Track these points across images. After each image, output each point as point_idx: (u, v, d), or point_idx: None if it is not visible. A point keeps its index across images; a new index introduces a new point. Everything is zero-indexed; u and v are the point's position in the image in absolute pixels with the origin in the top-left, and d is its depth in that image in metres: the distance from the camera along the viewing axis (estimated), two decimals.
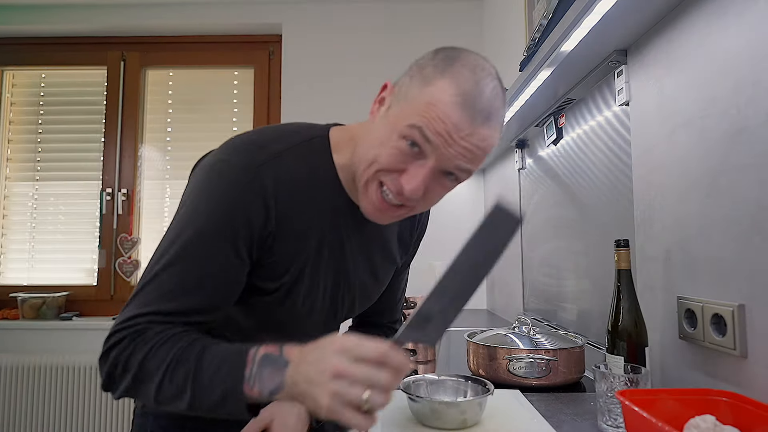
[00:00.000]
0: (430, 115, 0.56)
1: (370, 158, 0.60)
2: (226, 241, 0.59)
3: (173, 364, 0.54)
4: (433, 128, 0.56)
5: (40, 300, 2.32)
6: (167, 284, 0.57)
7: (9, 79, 2.57)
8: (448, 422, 0.71)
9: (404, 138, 0.58)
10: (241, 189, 0.59)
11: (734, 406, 0.59)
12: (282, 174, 0.61)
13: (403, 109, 0.59)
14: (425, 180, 0.58)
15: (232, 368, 0.52)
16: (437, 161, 0.58)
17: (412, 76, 0.61)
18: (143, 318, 0.56)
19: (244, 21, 2.48)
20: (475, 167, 0.61)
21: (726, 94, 0.69)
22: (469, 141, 0.58)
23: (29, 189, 2.50)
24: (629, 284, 0.80)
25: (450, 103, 0.56)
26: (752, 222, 0.64)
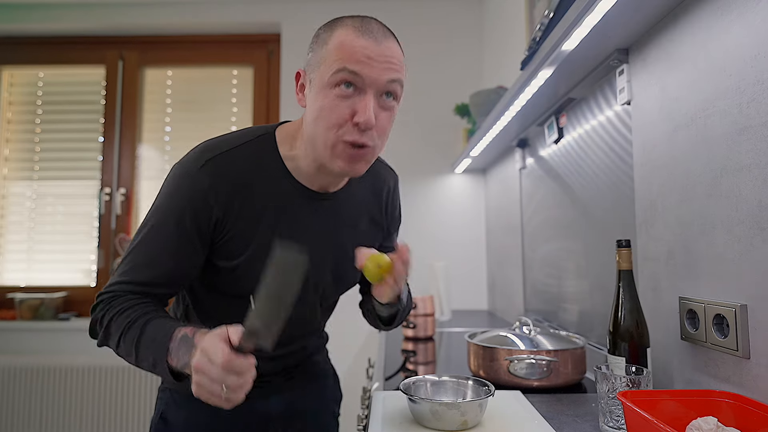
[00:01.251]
0: (344, 53, 0.66)
1: (323, 124, 0.68)
2: (178, 228, 0.71)
3: (126, 329, 0.67)
4: (352, 60, 0.65)
5: (38, 300, 2.31)
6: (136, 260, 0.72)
7: (7, 78, 2.56)
8: (448, 423, 0.70)
9: (336, 85, 0.66)
10: (186, 187, 0.71)
11: (736, 407, 0.59)
12: (224, 169, 0.72)
13: (320, 71, 0.68)
14: (372, 108, 0.67)
15: (160, 342, 0.64)
16: (371, 85, 0.67)
17: (313, 48, 0.71)
18: (117, 285, 0.71)
19: (243, 20, 2.48)
20: (402, 75, 0.69)
21: (728, 93, 0.69)
22: (384, 55, 0.67)
23: (27, 189, 2.50)
24: (631, 285, 0.79)
25: (352, 36, 0.66)
26: (754, 222, 0.64)
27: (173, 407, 0.86)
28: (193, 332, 0.64)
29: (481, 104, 1.74)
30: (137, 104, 2.52)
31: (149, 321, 0.67)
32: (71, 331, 2.29)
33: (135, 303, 0.70)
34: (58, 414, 2.17)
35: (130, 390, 2.19)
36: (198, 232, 0.72)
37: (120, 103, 2.51)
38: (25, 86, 2.56)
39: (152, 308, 0.70)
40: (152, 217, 0.73)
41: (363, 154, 0.70)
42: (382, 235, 0.91)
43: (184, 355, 0.62)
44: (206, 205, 0.71)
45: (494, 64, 2.25)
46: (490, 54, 2.33)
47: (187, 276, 0.75)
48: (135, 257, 0.72)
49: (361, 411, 1.14)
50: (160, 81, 2.55)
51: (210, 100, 2.54)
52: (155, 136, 2.53)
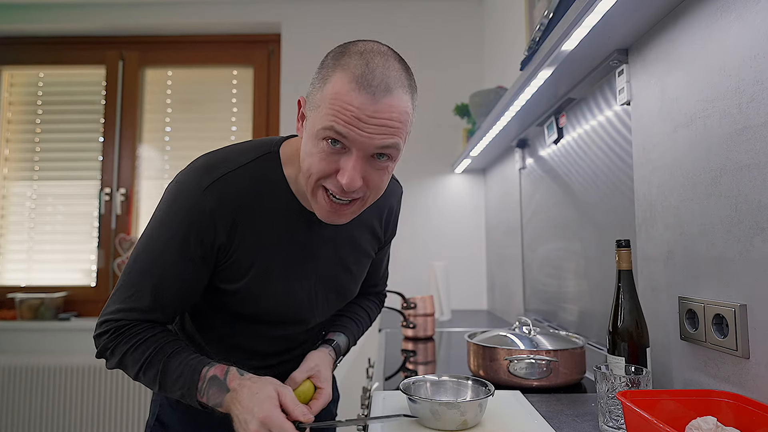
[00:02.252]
0: (335, 109, 0.61)
1: (305, 170, 0.66)
2: (182, 254, 0.69)
3: (146, 365, 0.68)
4: (342, 121, 0.61)
5: (38, 300, 2.31)
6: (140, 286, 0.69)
7: (7, 78, 2.56)
8: (448, 423, 0.70)
9: (323, 140, 0.63)
10: (189, 209, 0.69)
11: (736, 407, 0.59)
12: (229, 192, 0.70)
13: (314, 115, 0.64)
14: (357, 170, 0.63)
15: (188, 380, 0.66)
16: (359, 149, 0.62)
17: (314, 83, 0.67)
18: (122, 314, 0.69)
19: (243, 20, 2.48)
20: (397, 139, 0.64)
21: (727, 93, 0.69)
22: (379, 117, 0.61)
23: (27, 189, 2.50)
24: (630, 285, 0.79)
25: (347, 90, 0.61)
26: (754, 222, 0.64)
27: (168, 409, 0.86)
28: (223, 373, 0.67)
29: (481, 104, 1.74)
30: (137, 104, 2.52)
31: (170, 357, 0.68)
32: (71, 331, 2.29)
33: (147, 335, 0.69)
34: (58, 414, 2.17)
35: (130, 390, 2.19)
36: (203, 257, 0.70)
37: (120, 103, 2.52)
38: (26, 86, 2.56)
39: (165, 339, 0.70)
40: (153, 239, 0.70)
41: (347, 208, 0.68)
42: (378, 246, 0.91)
43: (216, 396, 0.66)
44: (211, 229, 0.69)
45: (494, 64, 2.25)
46: (490, 54, 2.33)
47: (191, 300, 0.75)
48: (138, 283, 0.70)
49: (361, 411, 1.14)
50: (161, 81, 2.56)
51: (210, 100, 2.54)
52: (155, 136, 2.53)
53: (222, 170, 0.70)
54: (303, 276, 0.78)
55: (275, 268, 0.75)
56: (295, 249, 0.76)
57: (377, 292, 1.04)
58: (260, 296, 0.76)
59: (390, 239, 0.95)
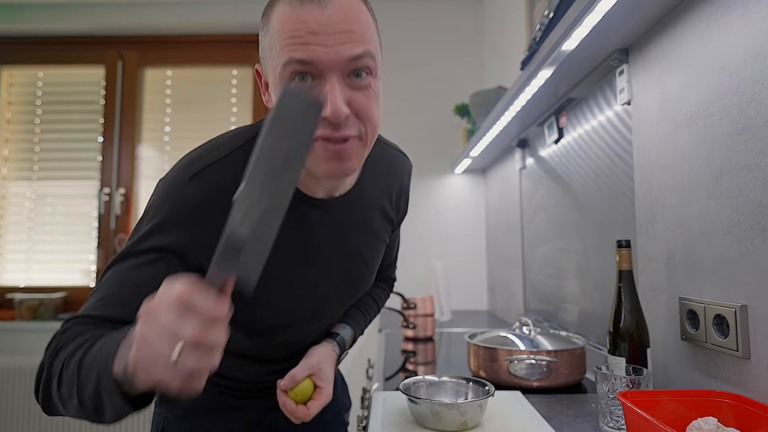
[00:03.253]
0: (286, 37, 0.53)
1: None
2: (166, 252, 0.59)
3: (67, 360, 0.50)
4: (296, 44, 0.53)
5: (38, 301, 2.31)
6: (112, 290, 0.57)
7: (6, 78, 2.56)
8: (448, 424, 0.70)
9: (290, 79, 0.54)
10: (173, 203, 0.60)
11: (736, 407, 0.59)
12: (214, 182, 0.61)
13: (272, 63, 0.57)
14: (336, 94, 0.54)
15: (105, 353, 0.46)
16: (330, 68, 0.54)
17: (261, 38, 0.60)
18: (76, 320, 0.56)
19: (242, 20, 2.47)
20: (367, 46, 0.56)
21: (728, 93, 0.69)
22: (335, 22, 0.53)
23: (26, 189, 2.49)
24: (631, 285, 0.79)
25: (290, 12, 0.54)
26: (755, 222, 0.64)
27: (173, 423, 0.79)
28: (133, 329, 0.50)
29: (481, 104, 1.74)
30: (137, 104, 2.51)
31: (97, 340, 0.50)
32: None
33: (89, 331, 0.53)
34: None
35: None
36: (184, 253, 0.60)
37: (119, 103, 2.51)
38: (25, 86, 2.56)
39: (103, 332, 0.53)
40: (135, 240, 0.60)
41: (346, 149, 0.57)
42: (391, 229, 0.84)
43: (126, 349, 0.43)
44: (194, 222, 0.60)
45: (494, 64, 2.25)
46: (490, 54, 2.33)
47: None
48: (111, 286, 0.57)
49: (361, 411, 1.14)
50: (160, 81, 2.55)
51: (209, 100, 2.54)
52: (155, 136, 2.53)
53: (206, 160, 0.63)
54: (306, 268, 0.70)
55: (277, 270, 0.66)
56: (292, 239, 0.67)
57: (386, 277, 0.96)
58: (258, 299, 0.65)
59: (402, 219, 0.87)
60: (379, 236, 0.79)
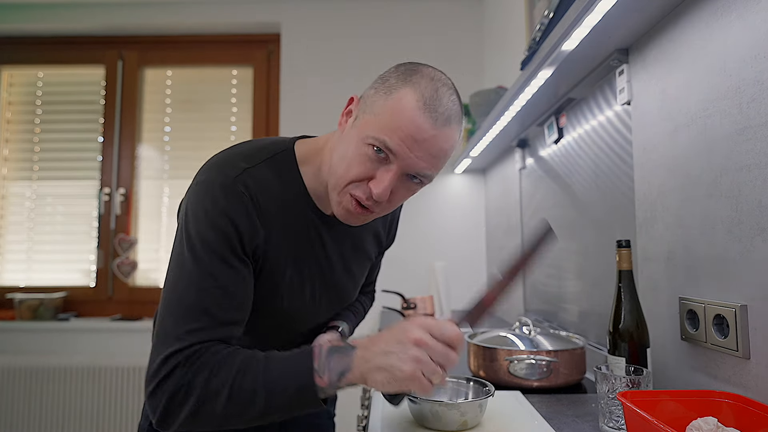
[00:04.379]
0: (395, 123, 0.61)
1: (342, 170, 0.65)
2: (225, 251, 0.63)
3: (240, 375, 0.57)
4: (398, 136, 0.61)
5: (38, 301, 2.31)
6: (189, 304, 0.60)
7: (6, 78, 2.56)
8: (448, 424, 0.70)
9: (371, 145, 0.62)
10: (224, 200, 0.63)
11: (736, 407, 0.59)
12: (256, 184, 0.66)
13: (369, 119, 0.64)
14: (391, 183, 0.63)
15: (299, 364, 0.57)
16: (401, 165, 0.63)
17: (377, 88, 0.66)
18: (187, 341, 0.58)
19: (242, 20, 2.47)
20: (435, 170, 0.66)
21: (728, 93, 0.69)
22: (432, 143, 0.62)
23: (26, 189, 2.50)
24: (631, 285, 0.79)
25: (413, 108, 0.61)
26: (755, 222, 0.64)
27: None
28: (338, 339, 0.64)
29: (481, 104, 1.74)
30: (137, 104, 2.51)
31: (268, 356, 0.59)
32: (71, 331, 2.29)
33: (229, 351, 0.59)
34: (58, 414, 2.17)
35: (130, 390, 2.19)
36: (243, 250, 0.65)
37: (119, 103, 2.51)
38: (25, 86, 2.56)
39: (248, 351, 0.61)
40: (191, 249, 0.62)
41: (363, 215, 0.67)
42: (379, 252, 0.91)
43: (340, 362, 0.57)
44: (249, 218, 0.64)
45: (494, 64, 2.25)
46: (490, 54, 2.33)
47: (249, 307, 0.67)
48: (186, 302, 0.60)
49: (361, 411, 1.14)
50: (160, 81, 2.55)
51: (210, 100, 2.54)
52: (155, 136, 2.53)
53: (244, 164, 0.67)
54: (311, 276, 0.75)
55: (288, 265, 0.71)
56: (306, 248, 0.74)
57: (369, 291, 1.05)
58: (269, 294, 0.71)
59: (390, 245, 0.95)
60: (369, 256, 0.86)
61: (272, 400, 0.57)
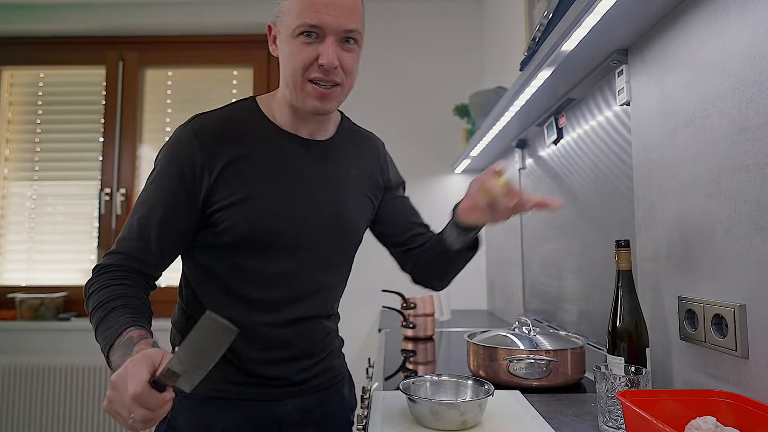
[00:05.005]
0: (303, 5, 0.73)
1: (290, 71, 0.76)
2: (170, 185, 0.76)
3: (96, 308, 0.71)
4: (310, 12, 0.73)
5: (38, 300, 2.31)
6: (125, 228, 0.78)
7: (7, 78, 2.56)
8: (447, 423, 0.71)
9: (300, 35, 0.74)
10: (173, 142, 0.78)
11: (735, 407, 0.59)
12: (210, 123, 0.79)
13: (285, 20, 0.76)
14: (333, 51, 0.74)
15: (111, 334, 0.66)
16: (331, 32, 0.74)
17: (279, 3, 0.79)
18: (109, 257, 0.77)
19: (243, 20, 2.48)
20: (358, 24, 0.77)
21: (726, 93, 0.69)
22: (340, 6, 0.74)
23: (27, 189, 2.50)
24: (630, 285, 0.79)
25: None
26: (753, 222, 0.64)
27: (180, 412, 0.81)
28: (139, 337, 0.64)
29: (481, 104, 1.74)
30: (137, 104, 2.52)
31: (114, 309, 0.70)
32: (71, 331, 2.29)
33: (113, 283, 0.73)
34: (58, 414, 2.17)
35: None
36: (185, 183, 0.76)
37: (120, 103, 2.52)
38: (26, 86, 2.56)
39: (124, 291, 0.72)
40: (146, 183, 0.79)
41: (331, 93, 0.77)
42: (381, 191, 0.94)
43: (121, 357, 0.62)
44: (191, 152, 0.76)
45: (494, 64, 2.25)
46: (490, 54, 2.33)
47: (176, 238, 0.78)
48: (128, 223, 0.78)
49: (361, 411, 1.15)
50: (161, 81, 2.56)
51: (210, 100, 2.54)
52: (155, 137, 2.53)
53: (203, 113, 0.81)
54: (294, 193, 0.81)
55: (263, 184, 0.79)
56: (282, 165, 0.81)
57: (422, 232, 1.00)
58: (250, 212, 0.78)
59: (396, 184, 0.98)
60: (363, 192, 0.90)
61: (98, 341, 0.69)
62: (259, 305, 0.81)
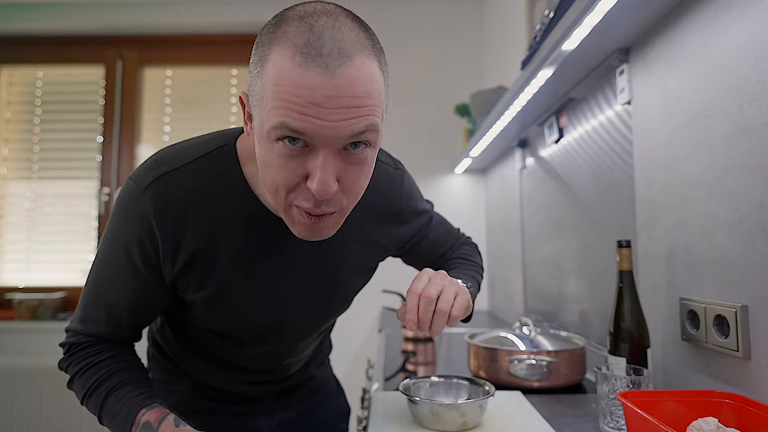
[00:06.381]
0: (282, 98, 0.46)
1: (269, 185, 0.53)
2: (129, 264, 0.62)
3: (89, 394, 0.65)
4: (295, 112, 0.46)
5: (37, 301, 2.31)
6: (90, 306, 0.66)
7: (5, 77, 2.55)
8: (448, 424, 0.70)
9: (279, 140, 0.48)
10: (130, 215, 0.61)
11: (737, 408, 0.59)
12: (170, 194, 0.59)
13: (260, 111, 0.50)
14: (328, 171, 0.48)
15: (122, 422, 0.62)
16: (326, 144, 0.48)
17: (251, 71, 0.52)
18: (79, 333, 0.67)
19: (242, 19, 2.47)
20: (373, 119, 0.49)
21: (728, 93, 0.69)
22: (341, 95, 0.46)
23: (26, 189, 2.49)
24: (631, 285, 0.79)
25: (292, 68, 0.46)
26: (755, 222, 0.64)
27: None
28: (157, 420, 0.60)
29: (481, 104, 1.74)
30: (136, 104, 2.51)
31: (110, 392, 0.64)
32: None
33: (97, 360, 0.65)
34: (57, 414, 2.17)
35: None
36: (150, 266, 0.62)
37: (119, 102, 2.51)
38: (24, 85, 2.56)
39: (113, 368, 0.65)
40: (101, 251, 0.65)
41: (323, 223, 0.54)
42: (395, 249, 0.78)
43: None
44: (151, 235, 0.60)
45: (494, 64, 2.24)
46: (490, 54, 2.32)
47: (152, 314, 0.69)
48: (91, 302, 0.66)
49: (361, 412, 1.14)
50: (160, 81, 2.55)
51: (209, 99, 2.54)
52: (154, 136, 2.53)
53: (165, 167, 0.60)
54: (274, 283, 0.67)
55: (240, 278, 0.64)
56: (263, 254, 0.64)
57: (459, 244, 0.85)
58: (220, 312, 0.67)
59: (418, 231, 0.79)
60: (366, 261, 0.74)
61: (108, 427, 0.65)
62: (240, 370, 0.78)
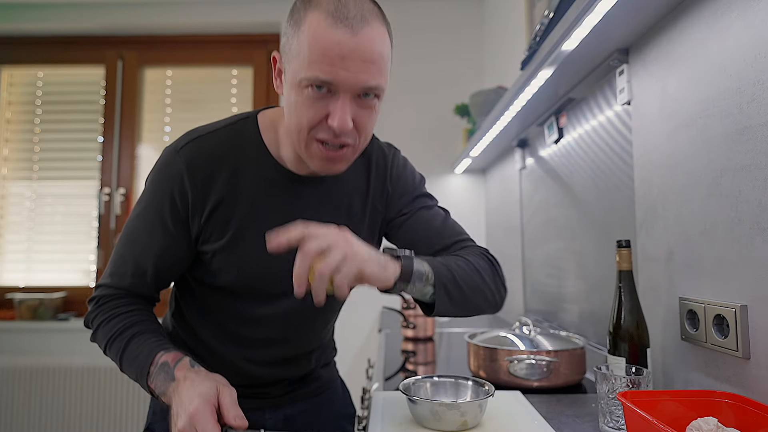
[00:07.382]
0: (316, 52, 0.59)
1: (295, 123, 0.65)
2: (159, 220, 0.71)
3: (111, 341, 0.70)
4: (324, 63, 0.59)
5: (37, 301, 2.31)
6: (121, 260, 0.73)
7: (6, 78, 2.56)
8: (448, 424, 0.70)
9: (308, 86, 0.61)
10: (164, 174, 0.71)
11: (737, 407, 0.59)
12: (201, 153, 0.71)
13: (294, 64, 0.63)
14: (347, 111, 0.62)
15: (141, 363, 0.66)
16: (346, 89, 0.61)
17: (287, 32, 0.65)
18: (104, 290, 0.73)
19: (242, 20, 2.47)
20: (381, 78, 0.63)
21: (728, 93, 0.69)
22: (360, 51, 0.60)
23: (26, 189, 2.50)
24: (631, 285, 0.79)
25: (323, 29, 0.59)
26: (755, 222, 0.64)
27: (159, 417, 0.84)
28: (174, 360, 0.65)
29: (481, 104, 1.74)
30: (137, 104, 2.51)
31: (133, 337, 0.69)
32: (70, 331, 2.29)
33: (122, 311, 0.71)
34: (57, 414, 2.17)
35: (129, 390, 2.19)
36: (180, 220, 0.71)
37: (119, 102, 2.51)
38: (25, 86, 2.56)
39: (137, 317, 0.71)
40: (136, 209, 0.73)
41: (341, 155, 0.66)
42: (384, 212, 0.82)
43: (163, 384, 0.64)
44: (182, 189, 0.70)
45: (494, 64, 2.25)
46: (490, 54, 2.33)
47: (176, 270, 0.75)
48: (120, 256, 0.73)
49: (361, 411, 1.14)
50: (160, 81, 2.55)
51: (209, 99, 2.54)
52: (155, 136, 2.53)
53: (197, 134, 0.72)
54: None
55: (253, 229, 0.72)
56: (275, 209, 0.73)
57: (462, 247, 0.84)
58: (231, 263, 0.73)
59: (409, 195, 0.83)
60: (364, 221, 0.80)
61: (125, 372, 0.70)
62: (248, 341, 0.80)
